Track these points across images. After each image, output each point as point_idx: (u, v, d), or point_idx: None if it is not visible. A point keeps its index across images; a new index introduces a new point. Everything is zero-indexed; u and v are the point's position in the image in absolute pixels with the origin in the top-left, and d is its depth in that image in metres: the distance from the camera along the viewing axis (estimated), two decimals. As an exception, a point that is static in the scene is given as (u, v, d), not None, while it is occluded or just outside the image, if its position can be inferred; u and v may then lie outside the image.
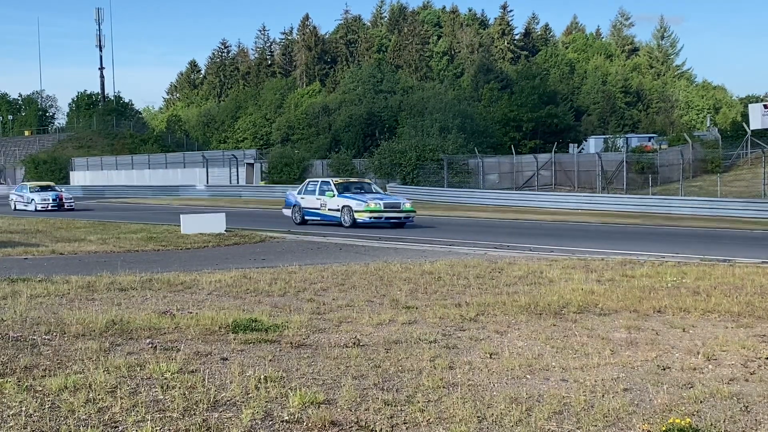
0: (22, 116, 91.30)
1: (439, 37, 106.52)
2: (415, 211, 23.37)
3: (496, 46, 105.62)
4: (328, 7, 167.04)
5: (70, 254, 14.47)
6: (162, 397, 5.03)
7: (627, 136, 62.64)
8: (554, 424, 4.60)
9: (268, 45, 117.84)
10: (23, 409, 4.75)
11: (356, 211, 22.00)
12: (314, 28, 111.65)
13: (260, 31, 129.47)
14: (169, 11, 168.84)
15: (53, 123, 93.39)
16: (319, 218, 23.29)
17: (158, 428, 4.45)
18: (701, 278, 10.69)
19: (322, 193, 23.15)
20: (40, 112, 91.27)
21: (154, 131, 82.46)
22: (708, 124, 79.00)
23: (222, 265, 12.53)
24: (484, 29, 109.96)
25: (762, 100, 60.40)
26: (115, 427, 4.48)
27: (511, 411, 4.77)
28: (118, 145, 73.90)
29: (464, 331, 7.24)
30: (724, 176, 38.17)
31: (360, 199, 22.51)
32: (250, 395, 5.07)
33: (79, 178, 66.65)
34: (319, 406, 4.85)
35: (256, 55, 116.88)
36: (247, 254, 14.75)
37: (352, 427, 4.53)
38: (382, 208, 22.08)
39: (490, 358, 6.18)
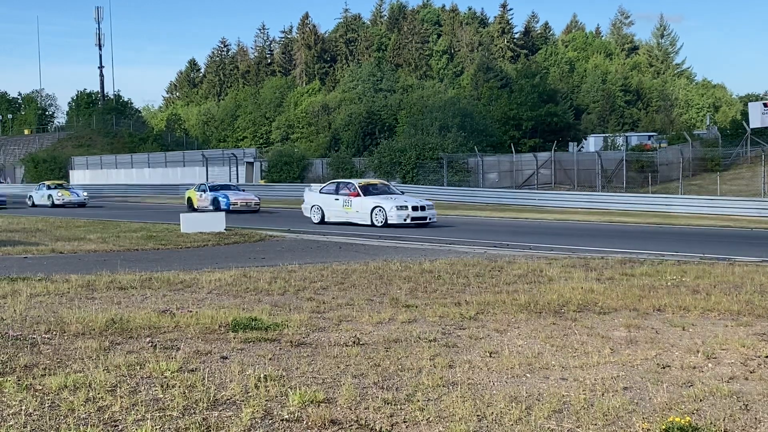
0: (21, 115, 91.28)
1: (439, 35, 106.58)
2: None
3: (496, 45, 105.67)
4: (327, 5, 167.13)
5: (70, 253, 14.47)
6: (162, 395, 5.03)
7: (626, 134, 62.73)
8: (554, 422, 4.60)
9: (267, 44, 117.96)
10: (23, 407, 4.75)
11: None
12: (314, 26, 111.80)
13: (260, 29, 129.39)
14: (169, 10, 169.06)
15: (53, 122, 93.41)
16: None
17: (158, 427, 4.44)
18: (701, 277, 10.69)
19: None
20: (40, 111, 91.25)
21: (153, 130, 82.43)
22: (708, 123, 79.11)
23: (222, 263, 12.52)
24: (484, 28, 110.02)
25: (762, 99, 60.43)
26: (115, 426, 4.48)
27: (510, 410, 4.77)
28: (118, 143, 73.89)
29: (464, 329, 7.24)
30: (723, 175, 38.18)
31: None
32: (250, 394, 5.06)
33: (79, 176, 66.61)
34: (318, 405, 4.85)
35: (256, 54, 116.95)
36: (246, 253, 14.75)
37: (351, 425, 4.53)
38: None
39: (490, 356, 6.18)
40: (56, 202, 37.28)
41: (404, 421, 4.60)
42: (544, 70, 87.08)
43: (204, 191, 32.03)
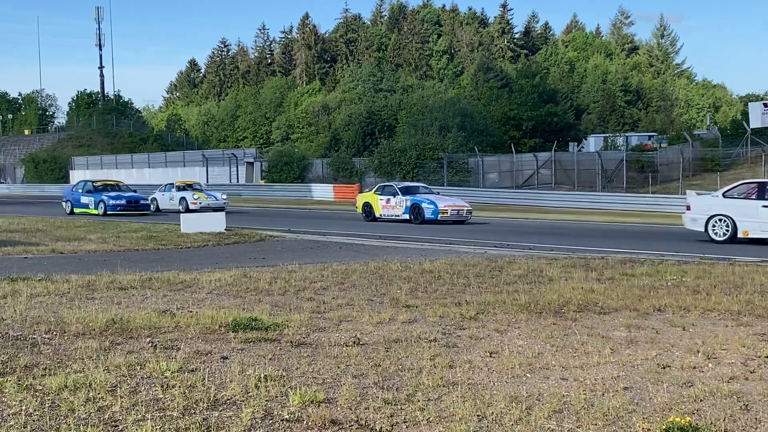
0: (21, 115, 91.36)
1: (439, 35, 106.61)
2: None
3: (496, 45, 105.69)
4: (327, 5, 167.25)
5: (70, 253, 14.46)
6: (162, 396, 5.02)
7: (627, 134, 62.79)
8: (554, 422, 4.60)
9: (267, 44, 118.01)
10: (23, 408, 4.75)
11: None
12: (314, 26, 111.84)
13: (260, 29, 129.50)
14: (169, 10, 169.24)
15: (53, 122, 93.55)
16: None
17: (158, 427, 4.44)
18: (701, 277, 10.69)
19: None
20: (40, 111, 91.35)
21: (153, 130, 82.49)
22: (708, 123, 79.15)
23: (222, 263, 12.52)
24: (484, 28, 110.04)
25: (762, 99, 60.41)
26: (115, 426, 4.48)
27: (511, 410, 4.77)
28: (118, 144, 73.93)
29: (464, 329, 7.23)
30: (723, 175, 38.17)
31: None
32: (250, 394, 5.06)
33: (79, 177, 66.46)
34: (319, 405, 4.84)
35: (256, 54, 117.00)
36: (246, 253, 14.75)
37: (352, 425, 4.53)
38: None
39: (490, 356, 6.18)
40: (191, 206, 30.47)
41: (404, 421, 4.60)
42: (544, 70, 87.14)
43: (393, 195, 25.48)
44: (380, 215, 25.77)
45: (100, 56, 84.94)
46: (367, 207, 26.40)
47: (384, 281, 10.31)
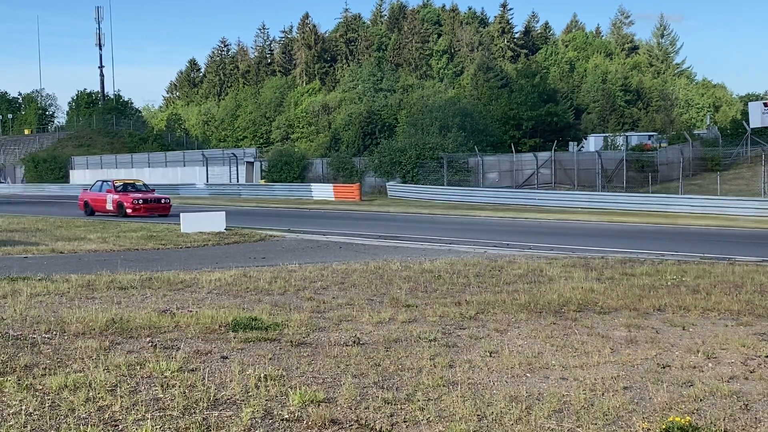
0: (21, 115, 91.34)
1: (439, 35, 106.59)
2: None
3: (496, 45, 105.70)
4: (327, 5, 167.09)
5: (70, 253, 14.46)
6: (162, 395, 5.02)
7: (627, 134, 62.77)
8: (554, 422, 4.60)
9: (267, 43, 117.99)
10: (23, 407, 4.75)
11: None
12: (314, 26, 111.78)
13: (260, 29, 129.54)
14: (169, 9, 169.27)
15: (53, 122, 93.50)
16: None
17: (158, 427, 4.44)
18: (701, 277, 10.69)
19: None
20: (40, 111, 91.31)
21: (153, 130, 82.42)
22: (708, 123, 79.16)
23: (222, 263, 12.52)
24: (484, 27, 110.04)
25: (762, 99, 60.40)
26: (115, 426, 4.48)
27: (511, 409, 4.77)
28: (118, 143, 73.89)
29: (464, 329, 7.24)
30: (723, 174, 38.16)
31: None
32: (250, 394, 5.06)
33: (79, 176, 66.63)
34: (319, 405, 4.85)
35: (256, 54, 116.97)
36: (246, 253, 14.75)
37: (352, 425, 4.53)
38: None
39: (490, 356, 6.18)
40: None
41: (404, 421, 4.60)
42: (544, 69, 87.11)
43: None
44: None
45: (100, 56, 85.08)
46: None
47: (384, 281, 10.31)
